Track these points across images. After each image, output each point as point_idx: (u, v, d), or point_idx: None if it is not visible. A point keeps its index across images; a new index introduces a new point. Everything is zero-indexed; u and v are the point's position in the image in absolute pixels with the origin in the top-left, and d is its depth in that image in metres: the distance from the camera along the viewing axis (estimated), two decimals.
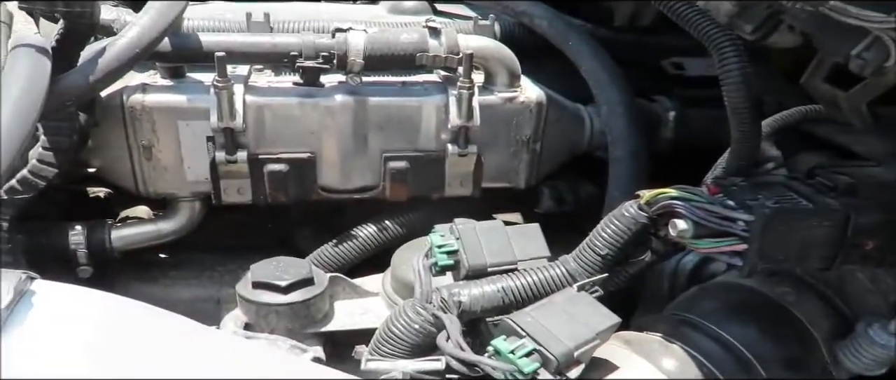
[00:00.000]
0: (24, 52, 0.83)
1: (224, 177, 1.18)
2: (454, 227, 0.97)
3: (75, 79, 0.88)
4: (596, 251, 0.89)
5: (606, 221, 0.89)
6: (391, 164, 1.22)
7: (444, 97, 1.20)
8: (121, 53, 0.92)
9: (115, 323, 0.68)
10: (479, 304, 0.90)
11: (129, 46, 0.92)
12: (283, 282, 1.06)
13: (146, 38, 0.93)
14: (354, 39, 1.14)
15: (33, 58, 0.82)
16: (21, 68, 0.80)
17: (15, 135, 0.71)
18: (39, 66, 0.81)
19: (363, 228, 1.27)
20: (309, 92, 1.18)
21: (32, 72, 0.80)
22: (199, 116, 1.14)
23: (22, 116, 0.73)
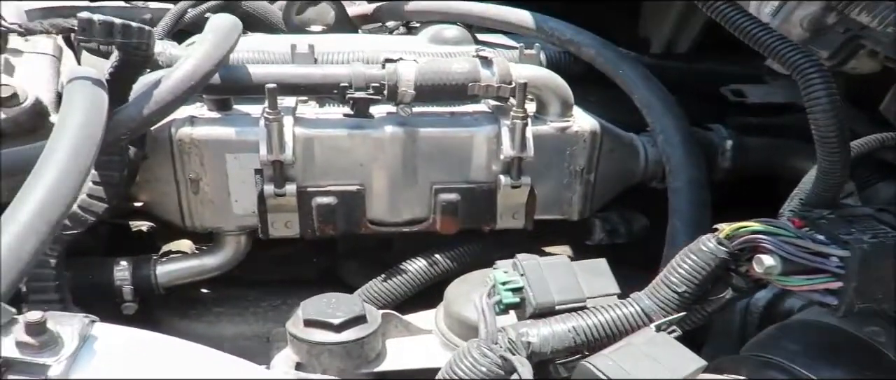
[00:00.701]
0: (82, 85, 0.81)
1: (272, 210, 1.15)
2: (518, 262, 0.93)
3: (131, 112, 0.86)
4: (672, 288, 0.84)
5: (682, 257, 0.85)
6: (442, 196, 1.19)
7: (496, 127, 1.17)
8: (176, 86, 0.90)
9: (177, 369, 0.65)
10: (549, 345, 0.85)
11: (185, 79, 0.90)
12: (336, 320, 1.02)
13: (201, 70, 0.91)
14: (405, 70, 1.11)
15: (91, 91, 0.80)
16: (79, 102, 0.77)
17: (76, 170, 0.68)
18: (98, 100, 0.79)
19: (413, 262, 1.24)
20: (358, 123, 1.15)
21: (91, 106, 0.77)
22: (248, 148, 1.12)
23: (83, 151, 0.71)
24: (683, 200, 1.13)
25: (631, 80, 1.25)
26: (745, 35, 0.83)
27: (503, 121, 1.15)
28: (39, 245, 0.61)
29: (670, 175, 1.17)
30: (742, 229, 0.81)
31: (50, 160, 0.68)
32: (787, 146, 1.31)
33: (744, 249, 0.81)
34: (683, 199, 1.13)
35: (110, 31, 0.85)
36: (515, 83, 1.12)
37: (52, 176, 0.66)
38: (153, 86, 0.91)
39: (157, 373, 0.63)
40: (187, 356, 0.71)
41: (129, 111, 0.88)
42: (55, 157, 0.68)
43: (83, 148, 0.71)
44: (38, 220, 0.62)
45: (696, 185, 1.15)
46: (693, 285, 0.84)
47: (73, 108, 0.76)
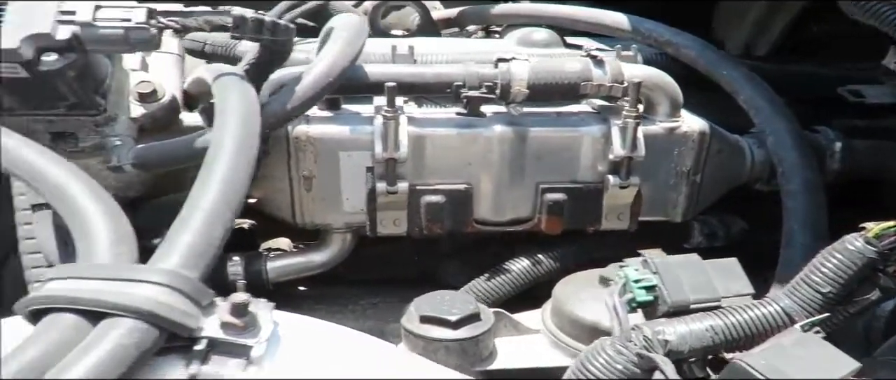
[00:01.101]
0: (232, 80, 0.83)
1: (382, 208, 1.16)
2: (650, 261, 0.92)
3: (274, 107, 0.88)
4: (815, 288, 0.83)
5: (825, 256, 0.84)
6: (548, 196, 1.19)
7: (604, 127, 1.17)
8: (316, 82, 0.92)
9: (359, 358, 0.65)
10: (686, 343, 0.84)
11: (324, 75, 0.92)
12: (453, 317, 1.02)
13: (338, 67, 0.93)
14: (518, 69, 1.12)
15: (242, 86, 0.82)
16: (235, 96, 0.79)
17: (246, 160, 0.70)
18: (250, 94, 0.81)
19: (516, 262, 1.24)
20: (468, 123, 1.16)
21: (247, 99, 0.79)
22: (361, 146, 1.13)
23: (249, 142, 0.72)
24: (800, 203, 1.12)
25: (736, 82, 1.24)
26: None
27: (613, 120, 1.15)
28: (225, 232, 0.63)
29: (784, 177, 1.16)
30: (892, 228, 0.80)
31: (220, 151, 0.69)
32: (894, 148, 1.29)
33: (894, 248, 0.80)
34: (800, 201, 1.12)
35: (260, 28, 0.87)
36: (628, 83, 1.11)
37: (226, 166, 0.68)
38: (293, 82, 0.92)
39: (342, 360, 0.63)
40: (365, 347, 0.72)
41: (273, 106, 0.89)
42: (225, 148, 0.70)
43: (249, 138, 0.72)
44: (223, 207, 0.63)
45: (811, 186, 1.13)
46: (838, 286, 0.82)
47: (230, 102, 0.78)
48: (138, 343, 0.53)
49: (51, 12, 0.77)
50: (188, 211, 0.63)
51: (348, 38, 0.96)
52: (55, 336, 0.53)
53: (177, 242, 0.60)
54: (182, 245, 0.60)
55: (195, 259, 0.59)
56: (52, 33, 0.76)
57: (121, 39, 0.79)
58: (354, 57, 0.96)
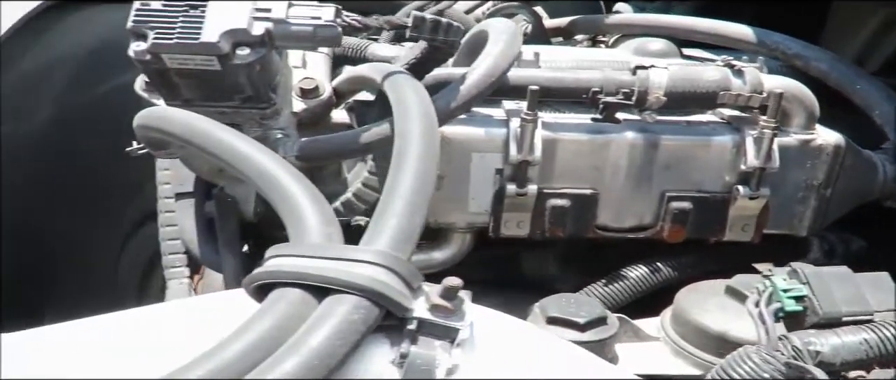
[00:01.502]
0: (404, 78, 0.86)
1: (508, 209, 1.18)
2: (799, 271, 0.92)
3: (440, 105, 0.91)
4: None
5: None
6: (674, 204, 1.19)
7: (736, 137, 1.16)
8: (479, 82, 0.94)
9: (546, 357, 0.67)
10: (839, 356, 0.84)
11: (487, 76, 0.94)
12: (581, 319, 1.03)
13: (499, 68, 0.95)
14: (657, 76, 1.13)
15: (415, 83, 0.85)
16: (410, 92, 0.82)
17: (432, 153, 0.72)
18: (424, 92, 0.84)
19: (634, 269, 1.24)
20: (599, 128, 1.17)
21: (423, 96, 0.82)
22: (493, 148, 1.15)
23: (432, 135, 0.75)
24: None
25: (871, 96, 1.22)
26: None
27: (748, 131, 1.15)
28: (422, 221, 0.66)
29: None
30: None
31: (409, 144, 0.72)
32: None
33: None
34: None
35: (437, 29, 0.90)
36: (769, 93, 1.11)
37: (416, 157, 0.70)
38: (457, 81, 0.95)
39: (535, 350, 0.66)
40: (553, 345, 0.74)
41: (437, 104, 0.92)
42: (413, 140, 0.72)
43: (432, 131, 0.75)
44: (419, 196, 0.66)
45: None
46: None
47: (408, 97, 0.80)
48: (364, 319, 0.55)
49: (247, 9, 0.81)
50: (388, 198, 0.66)
51: (508, 40, 0.98)
52: (286, 309, 0.55)
53: (384, 227, 0.63)
54: (390, 229, 0.62)
55: (403, 243, 0.62)
56: (248, 29, 0.80)
57: (308, 36, 0.82)
58: (513, 60, 0.98)
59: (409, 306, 0.58)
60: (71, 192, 1.40)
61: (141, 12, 0.83)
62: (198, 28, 0.81)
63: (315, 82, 0.97)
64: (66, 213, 1.38)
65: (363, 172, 1.07)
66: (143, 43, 0.81)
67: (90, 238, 1.47)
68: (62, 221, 1.37)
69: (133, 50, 0.81)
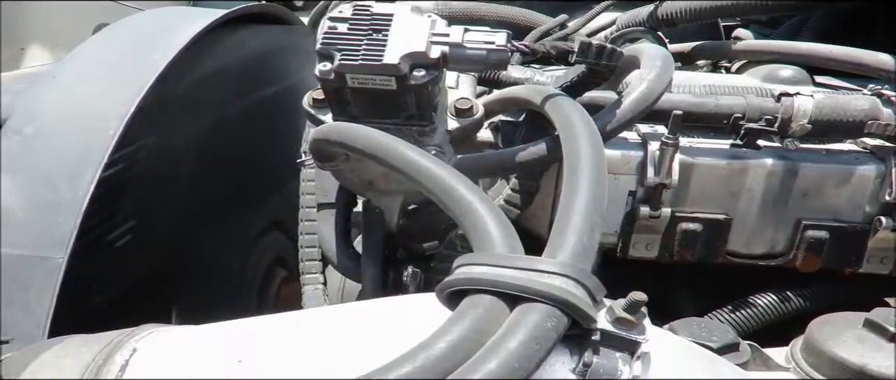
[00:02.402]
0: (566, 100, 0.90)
1: (638, 231, 1.20)
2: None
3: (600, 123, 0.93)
4: None
5: None
6: (809, 233, 1.18)
7: (880, 167, 1.15)
8: (637, 105, 0.97)
9: None
10: None
11: (642, 100, 0.96)
12: (714, 343, 1.03)
13: (655, 93, 0.97)
14: (802, 103, 1.13)
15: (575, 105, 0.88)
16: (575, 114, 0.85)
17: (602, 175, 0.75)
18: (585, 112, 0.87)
19: (762, 296, 1.23)
20: (737, 154, 1.17)
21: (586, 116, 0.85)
22: (628, 170, 1.17)
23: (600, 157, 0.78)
24: None
25: None
26: None
27: (894, 161, 1.13)
28: (599, 238, 0.69)
29: None
30: None
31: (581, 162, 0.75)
32: None
33: None
34: None
35: (601, 54, 0.94)
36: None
37: (589, 175, 0.73)
38: (614, 105, 0.98)
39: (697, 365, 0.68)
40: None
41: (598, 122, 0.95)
42: (584, 160, 0.75)
43: (600, 150, 0.78)
44: (595, 215, 0.69)
45: None
46: None
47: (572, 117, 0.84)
48: (556, 327, 0.58)
49: (425, 33, 0.87)
50: (566, 214, 0.69)
51: (663, 65, 1.00)
52: (483, 313, 0.59)
53: (566, 241, 0.66)
54: (571, 244, 0.65)
55: (584, 257, 0.65)
56: (427, 52, 0.86)
57: (481, 59, 0.87)
58: (667, 85, 1.01)
59: (594, 317, 0.61)
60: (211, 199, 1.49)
61: (329, 35, 0.89)
62: (381, 50, 0.86)
63: (470, 102, 1.02)
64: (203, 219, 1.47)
65: (504, 189, 1.11)
66: (329, 63, 0.87)
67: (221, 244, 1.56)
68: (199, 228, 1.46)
69: (319, 69, 0.87)
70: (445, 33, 0.87)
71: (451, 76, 1.11)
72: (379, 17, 0.89)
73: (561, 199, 0.72)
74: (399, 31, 0.86)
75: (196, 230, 1.46)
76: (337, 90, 0.91)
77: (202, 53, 1.33)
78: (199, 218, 1.46)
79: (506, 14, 1.74)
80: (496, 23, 1.67)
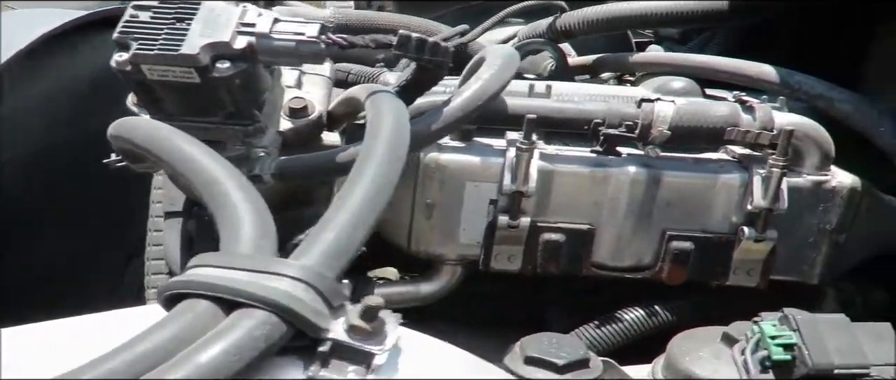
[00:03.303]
0: (386, 96, 0.85)
1: (499, 242, 1.15)
2: (790, 317, 0.86)
3: (418, 128, 0.89)
4: None
5: None
6: (674, 244, 1.14)
7: (744, 176, 1.11)
8: (465, 105, 0.92)
9: None
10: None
11: (473, 99, 0.92)
12: (560, 360, 0.98)
13: (487, 93, 0.93)
14: (663, 109, 1.09)
15: (395, 101, 0.84)
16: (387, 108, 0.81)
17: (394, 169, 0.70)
18: (402, 111, 0.82)
19: (630, 311, 1.19)
20: (601, 162, 1.13)
21: (398, 112, 0.80)
22: (489, 178, 1.12)
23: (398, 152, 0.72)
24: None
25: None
26: None
27: (756, 169, 1.10)
28: (366, 235, 0.64)
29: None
30: None
31: (370, 158, 0.70)
32: None
33: None
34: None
35: (422, 48, 0.89)
36: (778, 130, 1.06)
37: (374, 171, 0.68)
38: (442, 104, 0.94)
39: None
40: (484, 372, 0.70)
41: (418, 126, 0.91)
42: (375, 155, 0.70)
43: (398, 149, 0.73)
44: (367, 211, 0.64)
45: None
46: None
47: (383, 114, 0.78)
48: (267, 336, 0.52)
49: (233, 22, 0.82)
50: (333, 211, 0.63)
51: (502, 65, 0.96)
52: (189, 320, 0.53)
53: (318, 240, 0.60)
54: (323, 243, 0.60)
55: (335, 259, 0.60)
56: (231, 42, 0.81)
57: (291, 52, 0.81)
58: (503, 85, 0.96)
59: (323, 326, 0.55)
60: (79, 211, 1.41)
61: (128, 24, 0.84)
62: (180, 40, 0.81)
63: (304, 102, 0.97)
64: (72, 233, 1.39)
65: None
66: (125, 53, 0.82)
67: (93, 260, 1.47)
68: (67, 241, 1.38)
69: (115, 59, 0.82)
70: (252, 23, 0.82)
71: (292, 75, 1.06)
72: (185, 6, 0.84)
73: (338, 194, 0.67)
74: (204, 20, 0.81)
75: (63, 245, 1.38)
76: (141, 85, 0.85)
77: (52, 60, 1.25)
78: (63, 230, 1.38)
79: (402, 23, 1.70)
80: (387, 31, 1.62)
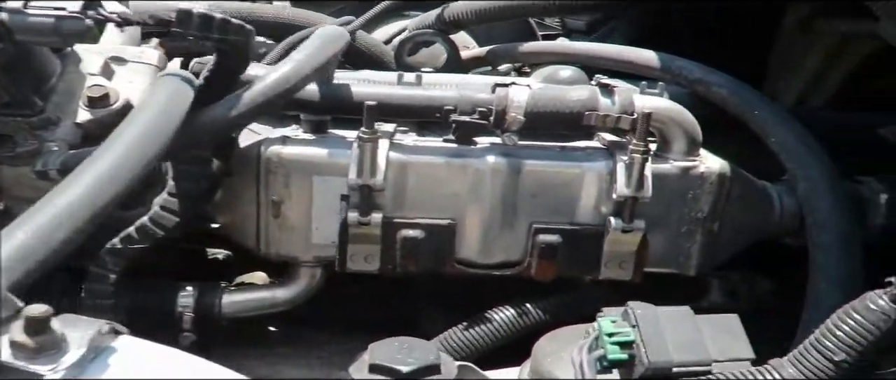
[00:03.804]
0: (169, 80, 0.76)
1: (353, 241, 1.06)
2: (630, 311, 0.78)
3: (217, 112, 0.80)
4: (826, 355, 0.68)
5: (841, 317, 0.68)
6: (541, 237, 1.06)
7: (610, 164, 1.04)
8: (269, 89, 0.83)
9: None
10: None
11: (279, 83, 0.83)
12: (406, 367, 0.89)
13: (298, 75, 0.84)
14: (517, 94, 1.01)
15: (176, 85, 0.75)
16: (161, 94, 0.72)
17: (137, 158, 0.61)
18: (180, 94, 0.73)
19: (500, 311, 1.11)
20: (458, 152, 1.05)
21: (170, 97, 0.71)
22: (338, 172, 1.04)
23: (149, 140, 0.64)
24: (831, 258, 0.96)
25: (768, 122, 1.10)
26: None
27: (620, 156, 1.03)
28: (74, 234, 0.54)
29: (815, 228, 1.00)
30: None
31: (111, 145, 0.61)
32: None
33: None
34: (832, 256, 0.96)
35: (208, 26, 0.79)
36: (638, 114, 0.99)
37: (108, 161, 0.59)
38: (245, 88, 0.84)
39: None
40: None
41: (215, 111, 0.81)
42: (117, 142, 0.62)
43: (150, 136, 0.64)
44: (79, 204, 0.55)
45: (847, 241, 0.97)
46: (855, 354, 0.67)
47: (152, 100, 0.70)
48: None
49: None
50: (41, 204, 0.54)
51: (318, 45, 0.87)
52: None
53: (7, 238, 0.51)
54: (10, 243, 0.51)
55: (17, 261, 0.50)
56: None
57: (50, 29, 0.73)
58: (320, 66, 0.87)
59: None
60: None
61: None
62: None
63: (105, 90, 0.87)
64: None
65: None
66: None
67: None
68: None
69: None
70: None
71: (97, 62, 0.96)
72: None
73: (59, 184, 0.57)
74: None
75: None
76: None
77: None
78: None
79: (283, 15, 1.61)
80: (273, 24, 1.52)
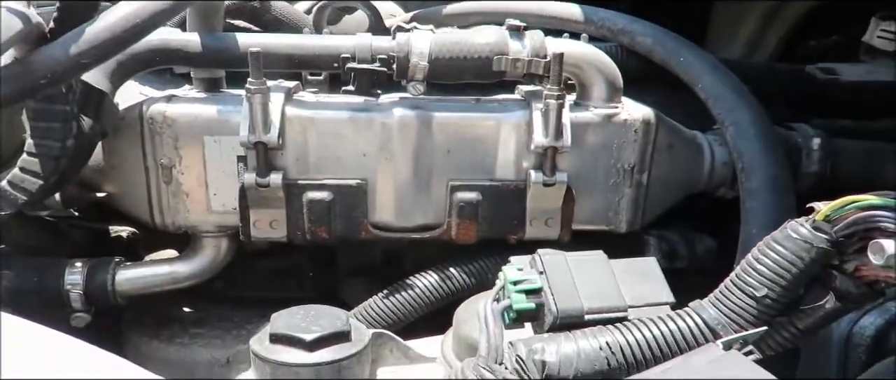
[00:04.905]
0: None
1: (254, 205, 0.97)
2: (537, 258, 0.71)
3: (54, 51, 0.70)
4: (748, 293, 0.61)
5: (762, 250, 0.62)
6: (459, 195, 0.99)
7: (527, 114, 0.97)
8: (116, 25, 0.74)
9: None
10: (571, 366, 0.62)
11: (128, 17, 0.74)
12: (310, 336, 0.80)
13: (148, 10, 0.74)
14: (419, 40, 0.93)
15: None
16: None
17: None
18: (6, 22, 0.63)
19: (422, 277, 1.03)
20: (363, 107, 0.97)
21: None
22: (231, 131, 0.95)
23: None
24: (760, 202, 0.90)
25: (694, 68, 1.04)
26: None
27: (535, 105, 0.95)
28: None
29: (744, 174, 0.94)
30: (849, 206, 0.58)
31: None
32: (889, 151, 1.06)
33: (853, 234, 0.58)
34: (761, 200, 0.90)
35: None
36: (551, 55, 0.91)
37: None
38: (88, 24, 0.75)
39: None
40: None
41: (52, 50, 0.72)
42: None
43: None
44: None
45: (777, 185, 0.91)
46: (778, 289, 0.60)
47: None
48: None
49: None
50: None
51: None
52: None
53: None
54: None
55: None
56: None
57: None
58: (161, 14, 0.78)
59: None
60: None
61: None
62: None
63: None
64: None
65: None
66: None
67: None
68: None
69: None
70: None
71: None
72: None
73: None
74: None
75: None
76: None
77: None
78: None
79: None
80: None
